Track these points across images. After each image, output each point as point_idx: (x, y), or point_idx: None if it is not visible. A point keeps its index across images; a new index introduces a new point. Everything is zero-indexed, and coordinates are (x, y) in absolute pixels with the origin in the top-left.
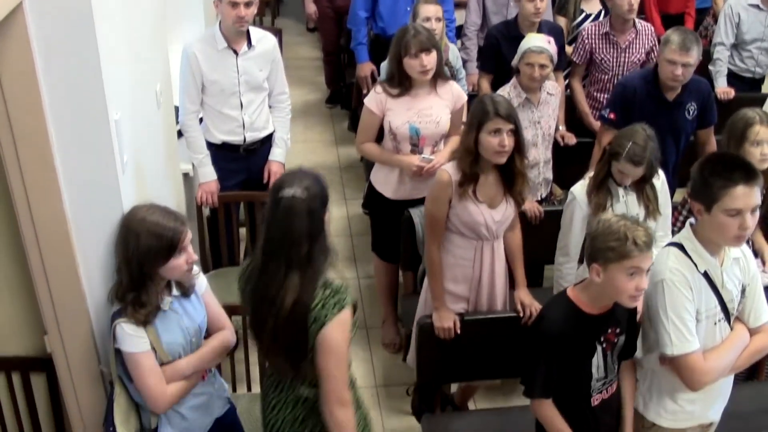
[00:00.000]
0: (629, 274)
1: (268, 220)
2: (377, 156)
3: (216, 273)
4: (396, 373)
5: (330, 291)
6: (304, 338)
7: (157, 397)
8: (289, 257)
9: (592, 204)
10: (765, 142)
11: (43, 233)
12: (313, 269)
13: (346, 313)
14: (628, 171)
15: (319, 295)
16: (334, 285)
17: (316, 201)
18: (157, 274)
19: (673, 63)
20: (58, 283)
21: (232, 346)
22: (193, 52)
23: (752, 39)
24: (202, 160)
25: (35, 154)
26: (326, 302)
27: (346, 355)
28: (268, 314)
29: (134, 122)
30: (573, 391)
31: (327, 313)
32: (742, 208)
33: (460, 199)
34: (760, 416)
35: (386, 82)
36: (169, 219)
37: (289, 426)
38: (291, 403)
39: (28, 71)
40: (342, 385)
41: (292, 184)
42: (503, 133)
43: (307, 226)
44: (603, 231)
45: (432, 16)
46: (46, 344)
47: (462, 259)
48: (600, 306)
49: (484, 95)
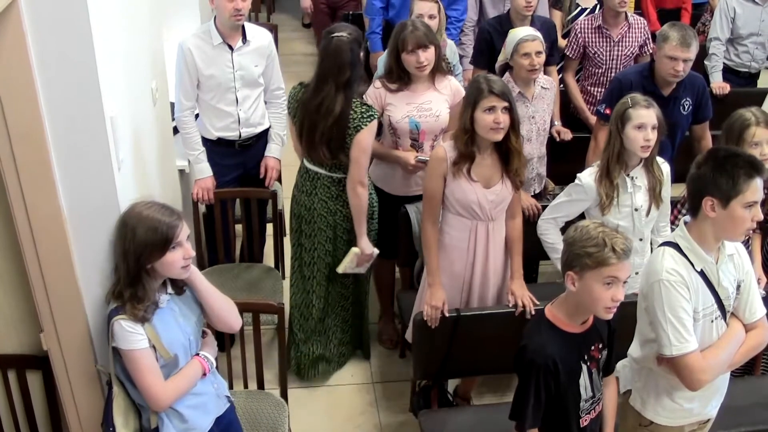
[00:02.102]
0: (606, 283)
1: (321, 55)
2: (375, 151)
3: (212, 269)
4: (393, 369)
5: (365, 107)
6: (344, 136)
7: (157, 394)
8: (336, 80)
9: (600, 193)
10: (763, 143)
11: (39, 231)
12: (352, 90)
13: (374, 122)
14: (644, 118)
15: (356, 108)
16: (366, 104)
17: (356, 42)
18: (154, 269)
19: (674, 59)
20: (54, 280)
21: (239, 320)
22: (188, 47)
23: (748, 34)
24: (197, 156)
25: (31, 151)
26: (362, 114)
27: (369, 151)
28: (319, 120)
29: (130, 119)
30: (563, 415)
31: (362, 122)
32: (757, 200)
33: (454, 177)
34: (756, 410)
35: (385, 77)
36: (165, 214)
37: (327, 198)
38: (328, 184)
39: (24, 68)
40: (363, 171)
41: (341, 29)
42: (498, 110)
43: (349, 58)
44: (580, 237)
45: (425, 13)
46: (43, 342)
47: (457, 240)
48: (579, 322)
49: (478, 75)
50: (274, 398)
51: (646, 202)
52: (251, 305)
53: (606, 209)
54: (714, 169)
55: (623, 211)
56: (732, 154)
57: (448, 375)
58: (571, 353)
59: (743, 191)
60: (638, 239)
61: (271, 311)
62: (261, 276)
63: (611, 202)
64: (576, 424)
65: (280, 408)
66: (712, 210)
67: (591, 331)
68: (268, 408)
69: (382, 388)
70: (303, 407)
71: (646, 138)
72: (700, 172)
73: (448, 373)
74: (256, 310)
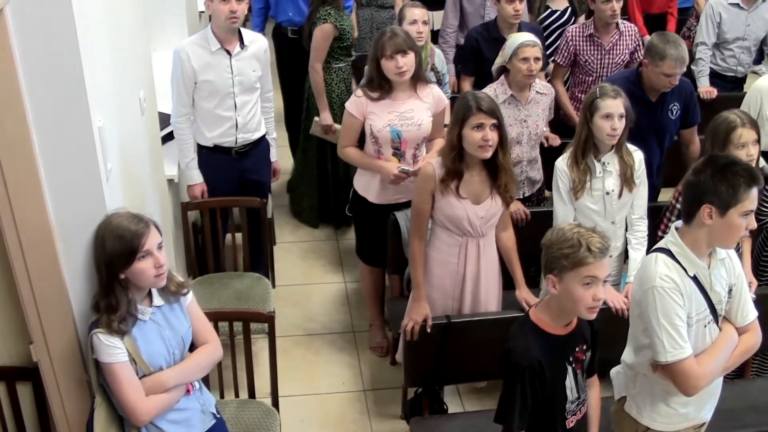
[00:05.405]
0: (585, 283)
1: None
2: (358, 161)
3: (202, 279)
4: (383, 376)
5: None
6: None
7: (136, 408)
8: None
9: (572, 177)
10: (749, 144)
11: (27, 241)
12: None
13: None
14: (610, 108)
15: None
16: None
17: None
18: (126, 279)
19: (670, 76)
20: (43, 291)
21: (218, 360)
22: (186, 53)
23: (734, 38)
24: (188, 163)
25: (19, 161)
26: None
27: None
28: None
29: (118, 129)
30: (549, 417)
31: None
32: (754, 209)
33: (442, 194)
34: (748, 413)
35: (366, 86)
36: (132, 222)
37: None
38: None
39: (11, 78)
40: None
41: None
42: (486, 127)
43: None
44: (557, 239)
45: (419, 19)
46: (32, 354)
47: (447, 254)
48: (564, 324)
49: (467, 92)
50: (265, 407)
51: (618, 186)
52: (241, 314)
53: (578, 192)
54: (714, 177)
55: (595, 195)
56: (732, 162)
57: (439, 382)
58: (556, 355)
59: (742, 200)
60: (610, 222)
61: (261, 320)
62: (251, 285)
63: (583, 186)
64: (562, 426)
65: (272, 416)
66: (709, 217)
67: (575, 332)
68: (259, 417)
69: (373, 396)
70: (294, 416)
71: (613, 127)
72: (699, 178)
73: (439, 380)
74: (247, 319)
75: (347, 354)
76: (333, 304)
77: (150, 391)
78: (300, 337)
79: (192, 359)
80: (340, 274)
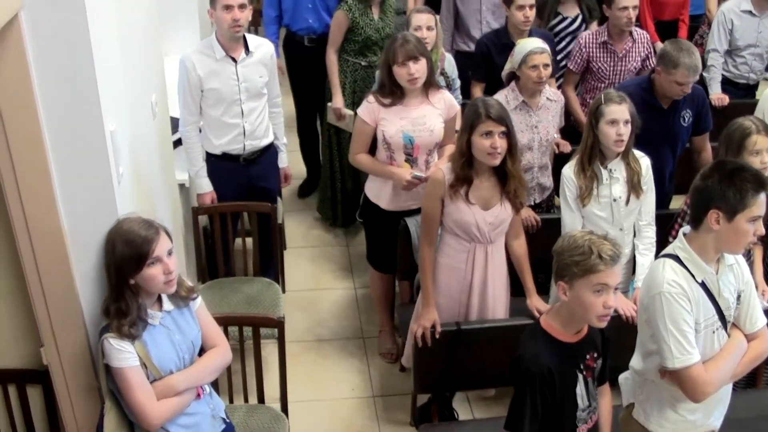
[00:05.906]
0: (596, 290)
1: None
2: (370, 167)
3: (212, 284)
4: (393, 382)
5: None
6: None
7: (147, 412)
8: None
9: (578, 184)
10: (764, 151)
11: (39, 245)
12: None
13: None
14: (615, 114)
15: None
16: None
17: None
18: (137, 284)
19: (683, 84)
20: (54, 295)
21: (227, 363)
22: (191, 62)
23: (746, 45)
24: (198, 171)
25: (31, 166)
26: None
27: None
28: None
29: (130, 133)
30: (560, 425)
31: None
32: (762, 215)
33: (452, 200)
34: (760, 423)
35: (378, 92)
36: (142, 227)
37: None
38: None
39: (24, 83)
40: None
41: None
42: (495, 135)
43: None
44: (568, 246)
45: (423, 24)
46: (43, 356)
47: (455, 260)
48: (574, 331)
49: (476, 98)
50: (275, 412)
51: (625, 193)
52: (251, 319)
53: (585, 199)
54: (721, 182)
55: (602, 202)
56: (739, 167)
57: (448, 388)
58: (567, 363)
59: (750, 206)
60: (618, 229)
61: (271, 325)
62: (261, 290)
63: (590, 192)
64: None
65: (281, 422)
66: (716, 223)
67: (586, 340)
68: (268, 422)
69: (382, 402)
70: (303, 421)
71: (619, 133)
72: (706, 183)
73: (448, 386)
74: (256, 324)
75: (357, 360)
76: (343, 309)
77: (161, 395)
78: (310, 343)
79: (201, 363)
80: (350, 279)
